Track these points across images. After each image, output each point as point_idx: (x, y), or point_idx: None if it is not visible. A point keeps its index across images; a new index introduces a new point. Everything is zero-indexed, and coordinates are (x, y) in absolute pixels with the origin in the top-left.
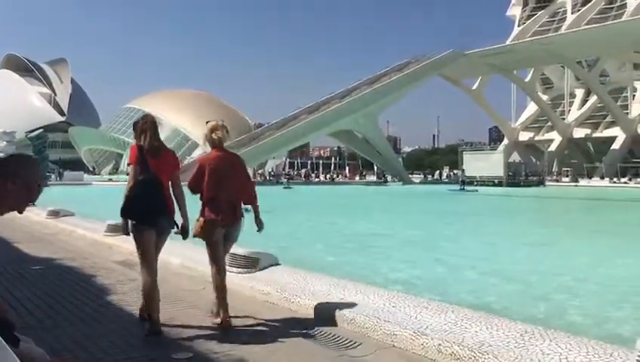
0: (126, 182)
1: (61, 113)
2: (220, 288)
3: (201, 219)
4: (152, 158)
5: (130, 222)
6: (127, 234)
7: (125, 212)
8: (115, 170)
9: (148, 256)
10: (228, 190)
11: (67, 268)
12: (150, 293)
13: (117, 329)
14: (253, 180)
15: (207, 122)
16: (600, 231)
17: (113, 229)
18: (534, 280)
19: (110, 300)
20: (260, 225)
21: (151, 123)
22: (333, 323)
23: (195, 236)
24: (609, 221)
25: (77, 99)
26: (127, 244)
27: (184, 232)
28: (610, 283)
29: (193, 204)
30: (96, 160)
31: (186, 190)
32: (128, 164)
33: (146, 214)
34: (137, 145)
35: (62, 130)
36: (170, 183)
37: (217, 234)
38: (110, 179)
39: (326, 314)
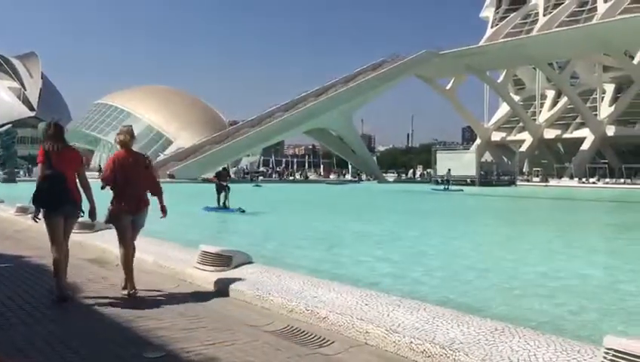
0: (95, 179)
1: (31, 108)
2: (127, 265)
3: (111, 207)
4: (56, 157)
5: (41, 209)
6: (36, 220)
7: (35, 201)
8: (87, 167)
9: (55, 237)
10: (132, 184)
11: (36, 265)
12: (56, 267)
13: (87, 328)
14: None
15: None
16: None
17: (84, 227)
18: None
19: (81, 299)
20: (163, 211)
21: (54, 129)
22: (306, 321)
23: (106, 222)
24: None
25: (47, 94)
26: (98, 242)
27: (91, 215)
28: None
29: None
30: None
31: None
32: (36, 163)
33: (52, 202)
34: (42, 147)
35: (31, 125)
36: (77, 176)
37: (125, 221)
38: None
39: (298, 312)
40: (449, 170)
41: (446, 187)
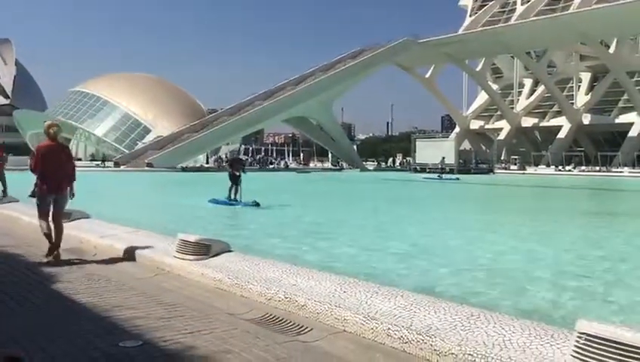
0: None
1: (5, 96)
2: (47, 235)
3: (35, 187)
4: None
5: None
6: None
7: None
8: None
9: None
10: (53, 169)
11: (11, 256)
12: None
13: (64, 319)
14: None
15: (44, 121)
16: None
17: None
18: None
19: (57, 288)
20: (72, 196)
21: None
22: (284, 309)
23: (29, 196)
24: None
25: (22, 81)
26: (75, 232)
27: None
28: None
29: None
30: None
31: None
32: (9, 152)
33: None
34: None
35: (6, 113)
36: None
37: (46, 199)
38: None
39: (277, 300)
40: (443, 158)
41: (440, 175)
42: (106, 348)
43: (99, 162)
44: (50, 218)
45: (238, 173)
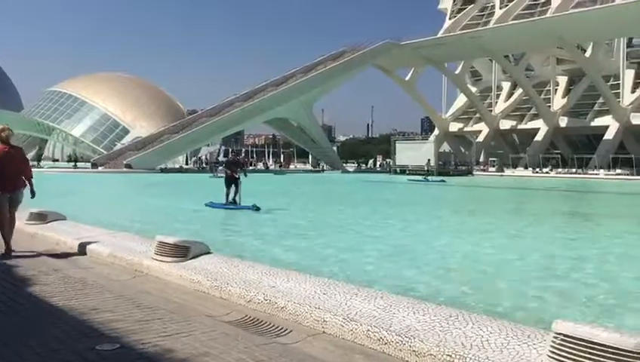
0: (51, 169)
1: None
2: (2, 232)
3: None
4: None
5: None
6: None
7: None
8: (39, 157)
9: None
10: (9, 171)
11: None
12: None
13: (39, 322)
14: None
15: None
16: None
17: (36, 218)
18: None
19: (32, 291)
20: (32, 194)
21: None
22: (264, 311)
23: None
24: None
25: None
26: (51, 233)
27: None
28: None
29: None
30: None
31: None
32: None
33: None
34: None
35: None
36: None
37: (2, 199)
38: (32, 166)
39: (256, 302)
40: (429, 160)
41: (425, 177)
42: (83, 351)
43: (72, 162)
44: (7, 215)
45: (237, 176)
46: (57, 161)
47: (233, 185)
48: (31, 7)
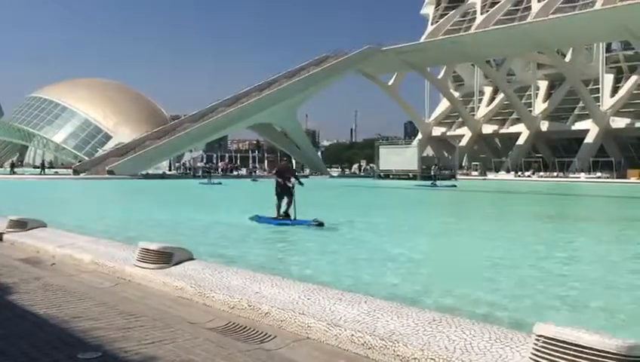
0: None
1: None
2: None
3: None
4: None
5: None
6: None
7: None
8: (20, 163)
9: None
10: None
11: None
12: None
13: (20, 330)
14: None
15: None
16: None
17: (15, 225)
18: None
19: (13, 300)
20: None
21: None
22: (247, 317)
23: None
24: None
25: None
26: (31, 240)
27: None
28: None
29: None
30: None
31: None
32: None
33: None
34: None
35: None
36: None
37: None
38: (13, 172)
39: (240, 309)
40: (435, 165)
41: (433, 182)
42: (64, 360)
43: (40, 168)
44: None
45: (291, 185)
46: (38, 167)
47: (285, 196)
48: (8, 14)
